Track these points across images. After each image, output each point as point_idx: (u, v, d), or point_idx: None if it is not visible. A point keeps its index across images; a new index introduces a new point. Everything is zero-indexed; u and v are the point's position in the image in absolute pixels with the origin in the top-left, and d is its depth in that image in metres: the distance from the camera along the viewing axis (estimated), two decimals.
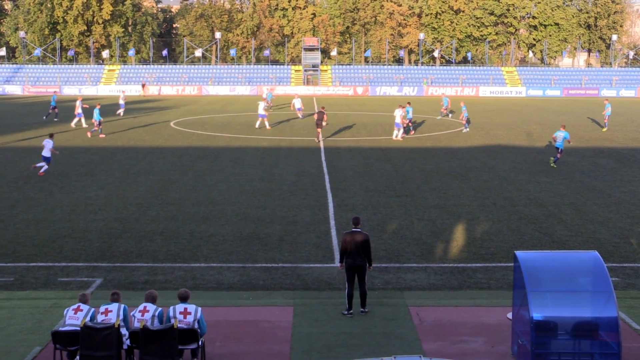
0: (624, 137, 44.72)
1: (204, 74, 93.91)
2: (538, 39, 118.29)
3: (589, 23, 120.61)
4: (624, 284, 16.73)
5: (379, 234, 20.97)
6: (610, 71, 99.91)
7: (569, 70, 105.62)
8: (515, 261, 12.76)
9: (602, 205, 25.05)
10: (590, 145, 40.95)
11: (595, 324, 12.24)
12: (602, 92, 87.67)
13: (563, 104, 74.56)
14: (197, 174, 30.77)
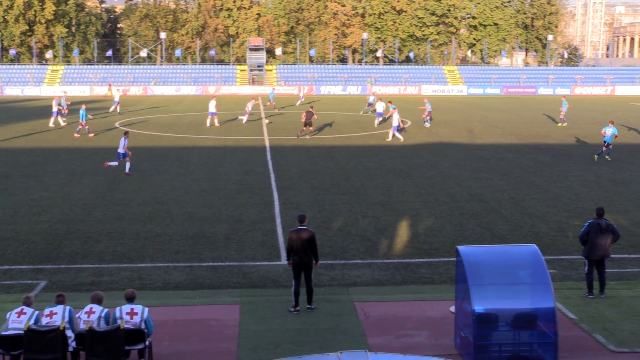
0: (560, 134, 45.64)
1: (149, 74, 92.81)
2: (478, 38, 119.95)
3: (526, 23, 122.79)
4: (560, 276, 17.08)
5: (325, 231, 21.01)
6: (547, 70, 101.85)
7: (508, 69, 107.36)
8: (458, 256, 12.92)
9: (540, 200, 25.53)
10: (528, 142, 41.70)
11: (534, 314, 12.48)
12: (539, 90, 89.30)
13: (502, 102, 75.77)
14: (143, 174, 30.40)
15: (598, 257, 15.66)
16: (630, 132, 47.07)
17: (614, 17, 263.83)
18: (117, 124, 50.16)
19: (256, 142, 40.56)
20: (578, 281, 16.67)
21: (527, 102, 74.46)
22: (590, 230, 15.69)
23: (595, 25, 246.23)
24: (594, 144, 40.82)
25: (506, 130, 47.52)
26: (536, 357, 12.30)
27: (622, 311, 14.88)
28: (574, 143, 41.19)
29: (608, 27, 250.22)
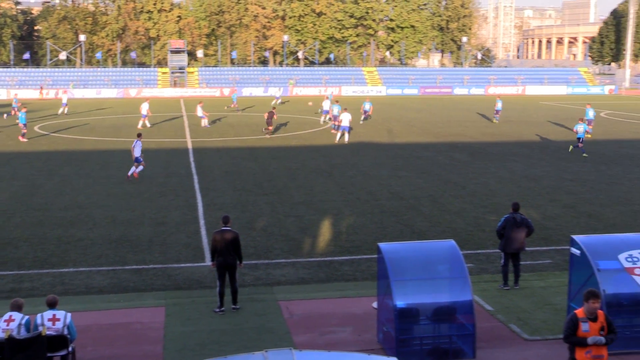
0: (476, 132, 46.68)
1: (68, 77, 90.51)
2: (396, 40, 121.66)
3: (441, 26, 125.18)
4: (477, 269, 17.47)
5: (248, 231, 20.93)
6: (462, 71, 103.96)
7: (425, 70, 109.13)
8: (379, 253, 13.06)
9: (457, 197, 26.05)
10: (445, 140, 42.49)
11: (453, 307, 12.73)
12: (455, 90, 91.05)
13: (420, 102, 76.96)
14: (64, 178, 29.65)
15: (514, 250, 16.09)
16: (540, 129, 48.50)
17: (523, 20, 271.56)
18: (37, 128, 48.70)
19: (178, 144, 40.09)
20: (494, 274, 17.09)
21: (443, 102, 75.85)
22: (506, 225, 16.10)
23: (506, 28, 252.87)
24: (508, 141, 41.93)
25: (424, 129, 48.31)
26: (455, 348, 12.55)
27: (535, 301, 15.33)
28: (489, 141, 42.18)
29: (518, 30, 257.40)
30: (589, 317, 9.86)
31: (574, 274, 13.70)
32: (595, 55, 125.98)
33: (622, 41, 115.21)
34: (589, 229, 21.19)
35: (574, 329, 9.85)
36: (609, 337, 9.87)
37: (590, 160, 34.48)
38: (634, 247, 13.19)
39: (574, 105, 70.86)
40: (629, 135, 45.26)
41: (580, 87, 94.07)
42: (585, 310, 9.89)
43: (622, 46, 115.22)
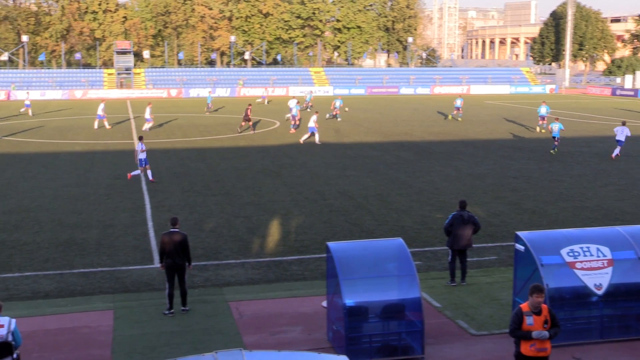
0: (422, 132, 47.13)
1: (10, 79, 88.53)
2: (342, 40, 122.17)
3: (387, 26, 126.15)
4: (425, 267, 17.65)
5: (197, 232, 20.77)
6: (408, 71, 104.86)
7: (371, 70, 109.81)
8: (328, 252, 13.08)
9: (404, 195, 26.26)
10: (392, 140, 42.81)
11: (402, 305, 12.82)
12: (401, 90, 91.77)
13: (367, 101, 77.34)
14: (7, 181, 28.99)
15: (461, 247, 16.29)
16: (485, 128, 49.22)
17: (467, 21, 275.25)
18: None
19: (126, 146, 39.55)
20: (441, 271, 17.27)
21: (390, 102, 76.36)
22: (453, 222, 16.30)
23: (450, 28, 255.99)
24: (453, 140, 42.44)
25: (371, 129, 48.58)
26: (404, 345, 12.65)
27: (481, 297, 15.55)
28: (435, 140, 42.64)
29: (462, 31, 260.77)
30: (533, 311, 10.08)
31: (519, 269, 13.94)
32: (536, 56, 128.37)
33: (561, 42, 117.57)
34: (532, 225, 21.58)
35: (519, 323, 10.06)
36: (552, 331, 10.10)
37: (533, 158, 35.13)
38: (575, 242, 13.47)
39: (518, 105, 72.09)
40: (570, 134, 46.21)
41: (523, 86, 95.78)
42: (530, 305, 10.11)
43: (561, 47, 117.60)
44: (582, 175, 30.50)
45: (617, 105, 73.07)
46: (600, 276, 13.11)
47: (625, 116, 58.57)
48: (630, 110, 65.26)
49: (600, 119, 56.91)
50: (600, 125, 52.00)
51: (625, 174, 30.80)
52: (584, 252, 13.28)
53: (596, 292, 13.09)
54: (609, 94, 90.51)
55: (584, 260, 13.17)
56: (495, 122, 54.08)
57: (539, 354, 10.07)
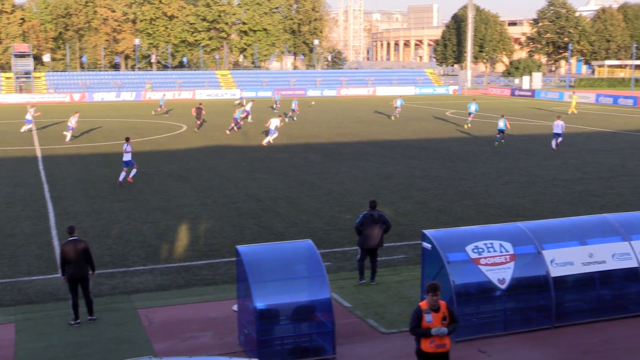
0: (329, 133, 47.49)
1: None
2: (249, 43, 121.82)
3: (293, 29, 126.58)
4: (335, 267, 17.78)
5: (104, 239, 20.29)
6: (314, 73, 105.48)
7: (278, 72, 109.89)
8: (238, 255, 13.01)
9: (313, 197, 26.40)
10: (300, 141, 42.96)
11: (312, 306, 12.87)
12: (308, 92, 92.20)
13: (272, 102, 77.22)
14: None
15: (372, 246, 16.49)
16: (391, 129, 50.05)
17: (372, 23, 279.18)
18: None
19: (26, 153, 38.24)
20: (351, 271, 17.44)
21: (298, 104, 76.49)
22: (364, 221, 16.49)
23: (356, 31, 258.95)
24: (360, 141, 42.95)
25: (279, 131, 48.54)
26: (316, 346, 12.70)
27: (391, 295, 15.79)
28: (342, 141, 43.03)
29: (367, 33, 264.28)
30: (431, 309, 10.29)
31: (426, 267, 14.22)
32: (439, 57, 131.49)
33: (463, 44, 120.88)
34: (439, 223, 22.07)
35: (419, 321, 10.26)
36: (450, 327, 10.34)
37: (438, 158, 35.94)
38: (479, 238, 13.86)
39: (423, 105, 73.58)
40: (473, 133, 47.53)
41: (427, 87, 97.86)
42: (428, 303, 10.32)
43: (463, 49, 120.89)
44: (485, 174, 31.40)
45: (516, 105, 75.57)
46: (503, 271, 13.53)
47: (525, 115, 60.69)
48: (538, 109, 67.60)
49: None
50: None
51: (525, 172, 31.90)
52: (487, 248, 13.67)
53: (499, 287, 13.50)
54: (508, 95, 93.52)
55: (488, 256, 13.57)
56: (401, 122, 55.04)
57: (439, 349, 10.31)
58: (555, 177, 30.62)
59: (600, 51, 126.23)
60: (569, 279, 14.18)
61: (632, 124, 53.74)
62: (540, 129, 49.99)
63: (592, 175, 31.14)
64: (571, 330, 13.70)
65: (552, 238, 14.47)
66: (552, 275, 13.78)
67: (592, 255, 14.22)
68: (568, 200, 25.90)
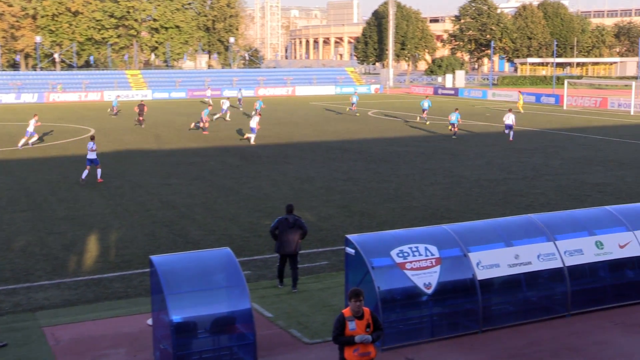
0: None
1: None
2: (160, 41, 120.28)
3: (207, 26, 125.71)
4: (255, 276, 17.73)
5: (5, 253, 19.68)
6: (231, 72, 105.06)
7: (192, 72, 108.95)
8: (152, 266, 12.82)
9: (231, 203, 26.27)
10: (216, 144, 42.68)
11: (232, 317, 12.79)
12: (224, 92, 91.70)
13: (189, 105, 76.61)
14: None
15: (288, 252, 16.54)
16: (312, 130, 50.26)
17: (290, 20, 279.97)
18: None
19: None
20: (272, 279, 17.42)
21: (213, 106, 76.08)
22: (279, 226, 16.51)
23: (273, 28, 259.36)
24: (279, 143, 42.98)
25: (194, 134, 48.14)
26: (237, 359, 12.62)
27: (314, 304, 15.84)
28: (260, 143, 42.94)
29: (285, 30, 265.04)
30: (355, 316, 10.30)
31: (350, 273, 14.33)
32: (360, 55, 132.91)
33: (384, 41, 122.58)
34: (362, 227, 22.27)
35: (342, 329, 10.28)
36: (375, 334, 10.40)
37: (360, 160, 36.29)
38: (404, 242, 14.05)
39: (344, 105, 74.15)
40: (395, 133, 48.22)
41: (348, 86, 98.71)
42: (351, 310, 10.32)
43: (384, 46, 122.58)
44: (409, 175, 31.89)
45: (440, 104, 77.03)
46: (429, 275, 13.75)
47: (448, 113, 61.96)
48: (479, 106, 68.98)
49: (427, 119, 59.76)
50: (424, 124, 54.60)
51: (450, 173, 32.54)
52: (413, 252, 13.87)
53: (426, 292, 13.72)
54: (431, 93, 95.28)
55: (413, 260, 13.76)
56: (321, 123, 55.36)
57: (363, 358, 10.33)
58: (480, 177, 31.35)
59: (522, 49, 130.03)
60: (496, 281, 14.53)
61: (555, 123, 55.55)
62: (465, 128, 51.09)
63: (517, 175, 32.03)
64: (498, 334, 14.04)
65: (477, 240, 14.81)
66: (479, 278, 14.08)
67: (518, 257, 14.61)
68: (493, 201, 26.56)
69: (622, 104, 69.55)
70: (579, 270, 15.19)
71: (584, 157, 37.38)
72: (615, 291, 15.66)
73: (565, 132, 49.48)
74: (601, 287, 15.74)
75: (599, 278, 15.78)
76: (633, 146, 41.74)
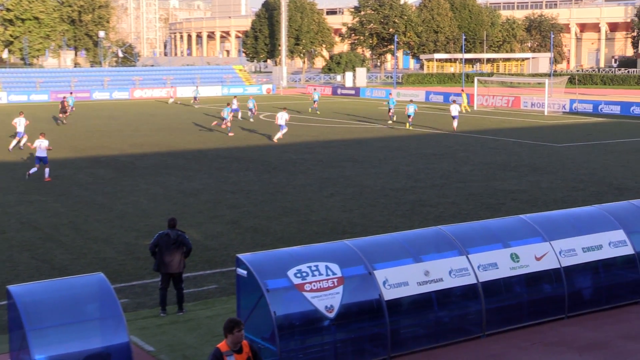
0: (122, 143, 46.61)
1: None
2: (16, 35, 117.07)
3: (73, 18, 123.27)
4: (134, 304, 17.43)
5: None
6: (101, 71, 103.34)
7: (56, 71, 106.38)
8: (9, 298, 12.48)
9: (104, 221, 25.78)
10: (86, 155, 41.86)
11: (107, 353, 12.56)
12: (93, 94, 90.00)
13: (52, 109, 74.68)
14: None
15: (170, 271, 16.36)
16: (196, 136, 49.93)
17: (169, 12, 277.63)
18: None
19: None
20: (153, 308, 17.18)
21: (81, 109, 74.44)
22: (159, 242, 16.33)
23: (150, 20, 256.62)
24: (159, 152, 42.47)
25: (59, 143, 47.02)
26: None
27: (202, 334, 15.70)
28: (138, 153, 42.37)
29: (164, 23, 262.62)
30: (233, 349, 10.10)
31: (242, 297, 14.29)
32: (250, 52, 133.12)
33: (276, 36, 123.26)
34: (255, 245, 22.24)
35: None
36: None
37: (252, 169, 36.30)
38: (303, 261, 14.10)
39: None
40: (292, 139, 48.41)
41: (237, 86, 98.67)
42: (230, 343, 10.09)
43: (276, 41, 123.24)
44: (306, 186, 32.09)
45: (340, 105, 77.90)
46: (331, 297, 13.85)
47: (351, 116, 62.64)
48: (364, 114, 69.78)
49: (323, 122, 60.35)
50: (323, 129, 55.14)
51: (352, 182, 32.93)
52: (312, 272, 13.94)
53: (328, 316, 13.80)
54: (330, 94, 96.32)
55: (313, 280, 13.83)
56: (206, 128, 55.03)
57: None
58: (385, 186, 31.87)
59: (429, 43, 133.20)
60: (404, 301, 14.75)
61: (465, 125, 57.02)
62: (367, 132, 51.82)
63: (425, 182, 32.72)
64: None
65: (383, 256, 15.01)
66: (386, 299, 14.27)
67: (428, 273, 14.89)
68: (400, 212, 27.03)
69: (536, 104, 72.21)
70: (494, 286, 15.62)
71: (497, 161, 38.56)
72: (532, 308, 16.18)
73: (477, 134, 50.93)
74: (517, 304, 16.23)
75: (515, 294, 16.28)
76: (548, 149, 43.35)
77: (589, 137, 49.68)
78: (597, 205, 19.11)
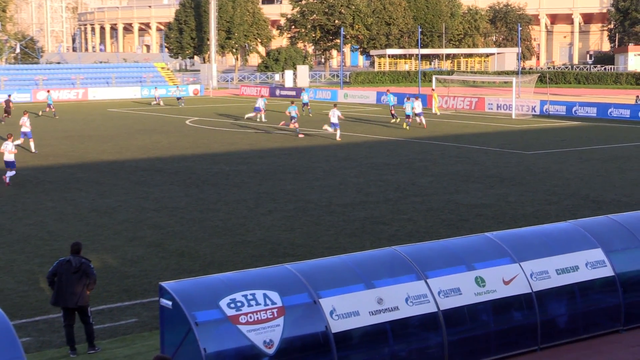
0: (22, 154, 45.92)
1: None
2: None
3: None
4: (37, 344, 17.19)
5: None
6: None
7: None
8: None
9: (2, 246, 25.43)
10: None
11: None
12: None
13: None
14: None
15: (69, 305, 16.14)
16: (111, 145, 49.51)
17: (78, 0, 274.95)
18: None
19: None
20: (61, 347, 16.95)
21: None
22: (58, 270, 16.12)
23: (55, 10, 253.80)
24: (67, 164, 42.00)
25: None
26: None
27: None
28: (42, 165, 41.88)
29: (72, 13, 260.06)
30: None
31: (167, 332, 14.18)
32: (173, 47, 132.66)
33: (204, 29, 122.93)
34: (182, 271, 22.11)
35: None
36: None
37: (177, 183, 36.10)
38: (237, 289, 14.03)
39: (153, 112, 73.41)
40: (225, 148, 48.29)
41: (158, 87, 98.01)
42: None
43: (205, 35, 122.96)
44: (240, 202, 32.01)
45: (280, 108, 77.95)
46: (270, 330, 13.80)
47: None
48: None
49: (259, 128, 60.25)
50: (259, 136, 55.09)
51: (293, 197, 32.94)
52: (248, 302, 13.89)
53: (266, 352, 13.74)
54: (267, 95, 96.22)
55: (249, 311, 13.77)
56: (124, 136, 54.66)
57: None
58: (332, 201, 31.93)
59: (380, 37, 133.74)
60: (355, 333, 14.74)
61: (422, 130, 57.45)
62: (310, 141, 51.91)
63: (378, 197, 32.86)
64: None
65: (330, 282, 15.00)
66: (333, 331, 14.25)
67: (382, 301, 14.90)
68: (349, 231, 27.09)
69: (502, 105, 72.97)
70: (457, 315, 15.68)
71: (459, 172, 38.90)
72: (500, 339, 16.29)
73: (436, 141, 51.31)
74: (484, 335, 16.31)
75: (481, 323, 16.35)
76: (516, 157, 43.87)
77: (562, 143, 50.39)
78: (572, 221, 19.36)
